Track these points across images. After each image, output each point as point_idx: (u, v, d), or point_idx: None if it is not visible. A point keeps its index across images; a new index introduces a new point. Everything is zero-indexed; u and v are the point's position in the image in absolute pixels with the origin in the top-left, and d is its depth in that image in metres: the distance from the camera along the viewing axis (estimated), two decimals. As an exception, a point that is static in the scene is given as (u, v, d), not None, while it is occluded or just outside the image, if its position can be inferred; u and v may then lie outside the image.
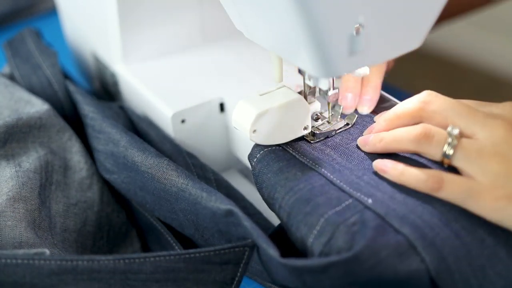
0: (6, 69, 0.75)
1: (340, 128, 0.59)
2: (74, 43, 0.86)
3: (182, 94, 0.68)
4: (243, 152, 0.67)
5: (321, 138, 0.58)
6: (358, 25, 0.47)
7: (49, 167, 0.61)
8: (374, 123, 0.57)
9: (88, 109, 0.66)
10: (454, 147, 0.50)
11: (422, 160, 0.53)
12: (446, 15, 0.82)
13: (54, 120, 0.64)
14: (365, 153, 0.55)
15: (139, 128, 0.67)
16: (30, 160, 0.60)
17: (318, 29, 0.46)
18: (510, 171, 0.48)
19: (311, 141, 0.58)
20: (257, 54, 0.72)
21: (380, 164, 0.52)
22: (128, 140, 0.61)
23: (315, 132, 0.58)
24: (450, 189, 0.49)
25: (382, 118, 0.55)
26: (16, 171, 0.59)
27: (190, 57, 0.75)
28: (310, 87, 0.57)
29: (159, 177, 0.57)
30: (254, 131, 0.55)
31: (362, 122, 0.59)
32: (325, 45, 0.47)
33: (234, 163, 0.70)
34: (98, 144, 0.63)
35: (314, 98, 0.58)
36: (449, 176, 0.50)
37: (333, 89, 0.57)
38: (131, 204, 0.64)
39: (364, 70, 0.56)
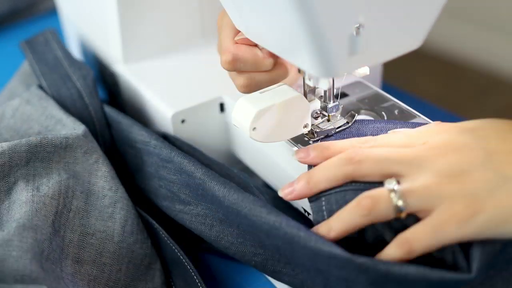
0: (25, 68, 0.73)
1: (340, 126, 0.59)
2: (74, 43, 0.86)
3: (182, 94, 0.68)
4: (243, 152, 0.67)
5: (321, 136, 0.58)
6: (358, 25, 0.47)
7: (69, 192, 0.58)
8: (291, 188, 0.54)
9: (146, 135, 0.63)
10: (401, 196, 0.49)
11: None
12: None
13: (81, 141, 0.60)
14: None
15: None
16: (50, 184, 0.58)
17: (318, 29, 0.46)
18: (465, 185, 0.48)
19: (311, 139, 0.58)
20: (257, 54, 0.72)
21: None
22: (204, 172, 0.57)
23: (315, 130, 0.58)
24: (420, 242, 0.48)
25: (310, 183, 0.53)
26: (32, 195, 0.56)
27: (190, 57, 0.75)
28: (310, 87, 0.57)
29: (246, 213, 0.53)
30: (254, 129, 0.55)
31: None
32: (325, 45, 0.47)
33: (234, 163, 0.70)
34: (168, 174, 0.60)
35: (314, 96, 0.58)
36: (410, 231, 0.48)
37: (333, 93, 0.58)
38: (158, 235, 0.61)
39: (364, 70, 0.56)
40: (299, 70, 0.56)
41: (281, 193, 0.54)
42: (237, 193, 0.55)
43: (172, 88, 0.69)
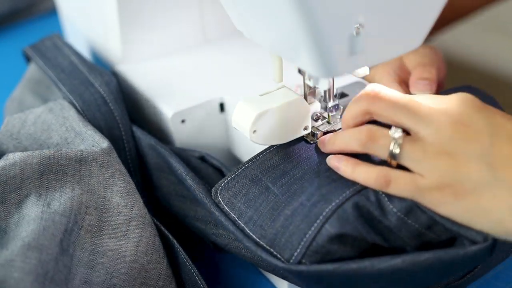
0: (32, 74, 0.72)
1: (340, 128, 0.59)
2: (74, 43, 0.86)
3: (182, 94, 0.68)
4: (243, 152, 0.67)
5: (321, 138, 0.58)
6: (358, 25, 0.47)
7: (82, 208, 0.56)
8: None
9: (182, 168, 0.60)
10: (400, 146, 0.50)
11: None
12: (448, 19, 0.81)
13: (96, 154, 0.58)
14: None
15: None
16: (62, 199, 0.55)
17: (318, 29, 0.46)
18: (456, 167, 0.49)
19: (311, 141, 0.58)
20: (257, 54, 0.72)
21: (334, 161, 0.54)
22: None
23: (315, 132, 0.58)
24: (398, 186, 0.50)
25: (342, 120, 0.56)
26: (42, 211, 0.54)
27: (190, 57, 0.75)
28: (310, 87, 0.57)
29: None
30: (254, 131, 0.55)
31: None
32: (325, 45, 0.47)
33: (234, 163, 0.70)
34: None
35: (314, 98, 0.58)
36: (396, 173, 0.51)
37: (333, 92, 0.58)
38: (177, 255, 0.59)
39: (364, 70, 0.56)
40: (299, 70, 0.56)
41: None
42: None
43: (172, 88, 0.69)
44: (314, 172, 0.54)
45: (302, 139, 0.58)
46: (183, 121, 0.66)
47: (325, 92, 0.58)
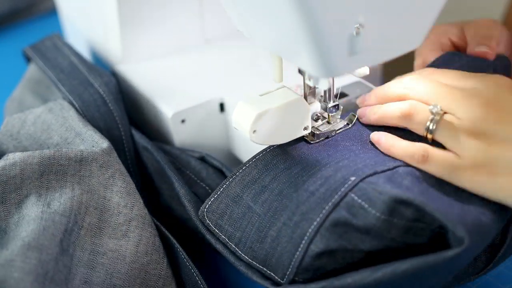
0: (32, 74, 0.72)
1: (340, 128, 0.59)
2: (74, 43, 0.86)
3: (182, 94, 0.68)
4: (243, 152, 0.67)
5: (321, 138, 0.58)
6: (358, 25, 0.47)
7: (82, 208, 0.56)
8: (368, 95, 0.60)
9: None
10: (436, 123, 0.52)
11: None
12: None
13: (96, 154, 0.58)
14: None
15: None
16: (62, 199, 0.55)
17: (318, 29, 0.46)
18: (489, 147, 0.50)
19: (311, 142, 0.58)
20: (257, 54, 0.72)
21: (376, 136, 0.56)
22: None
23: (315, 132, 0.58)
24: (435, 162, 0.52)
25: (374, 95, 0.59)
26: (42, 211, 0.54)
27: (190, 57, 0.75)
28: (310, 87, 0.57)
29: None
30: (254, 131, 0.55)
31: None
32: (325, 45, 0.47)
33: (234, 163, 0.70)
34: None
35: (314, 98, 0.58)
36: (434, 151, 0.52)
37: (333, 92, 0.58)
38: (177, 255, 0.59)
39: (364, 70, 0.56)
40: (299, 70, 0.56)
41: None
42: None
43: (172, 88, 0.69)
44: (292, 186, 0.54)
45: (298, 140, 0.58)
46: (183, 121, 0.66)
47: (325, 92, 0.58)
